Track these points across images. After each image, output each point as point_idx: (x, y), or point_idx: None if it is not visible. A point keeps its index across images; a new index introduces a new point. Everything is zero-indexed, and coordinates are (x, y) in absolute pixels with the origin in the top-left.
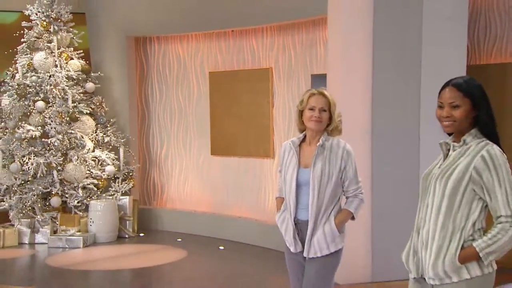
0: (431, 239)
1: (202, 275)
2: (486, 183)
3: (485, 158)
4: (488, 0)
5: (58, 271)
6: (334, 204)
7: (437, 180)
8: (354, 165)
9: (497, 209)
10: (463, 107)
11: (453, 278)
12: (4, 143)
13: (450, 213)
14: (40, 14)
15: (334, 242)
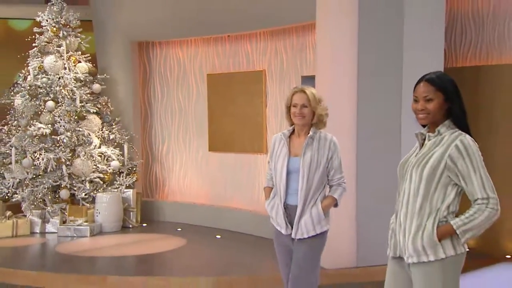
0: (410, 219)
1: (200, 262)
2: (461, 170)
3: (459, 147)
4: (464, 8)
5: (67, 258)
6: (320, 190)
7: (414, 167)
8: (339, 156)
9: (473, 193)
10: (436, 100)
11: (430, 256)
12: (17, 140)
13: (427, 196)
14: (50, 20)
15: (320, 224)
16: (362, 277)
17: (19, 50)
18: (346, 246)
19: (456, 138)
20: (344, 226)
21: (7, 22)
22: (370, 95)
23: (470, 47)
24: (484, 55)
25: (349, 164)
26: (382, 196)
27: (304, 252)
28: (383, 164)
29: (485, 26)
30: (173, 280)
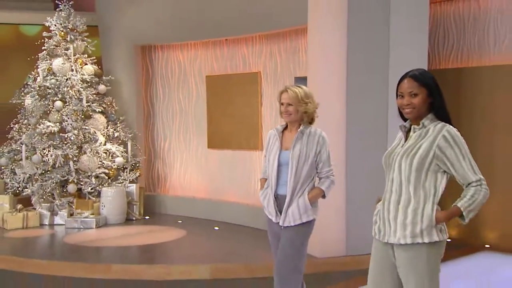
0: (403, 205)
1: (199, 251)
2: (450, 158)
3: (447, 137)
4: (447, 14)
5: (74, 248)
6: (308, 182)
7: (402, 158)
8: (327, 150)
9: (466, 177)
10: (420, 95)
11: (425, 238)
12: (27, 137)
13: (419, 182)
14: (58, 25)
15: (306, 214)
16: (351, 265)
17: (30, 54)
18: (335, 236)
19: (442, 129)
20: (334, 217)
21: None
22: (358, 94)
23: (452, 50)
24: (465, 58)
25: (339, 157)
26: (370, 188)
27: (289, 239)
28: (371, 157)
29: (466, 30)
30: (174, 268)
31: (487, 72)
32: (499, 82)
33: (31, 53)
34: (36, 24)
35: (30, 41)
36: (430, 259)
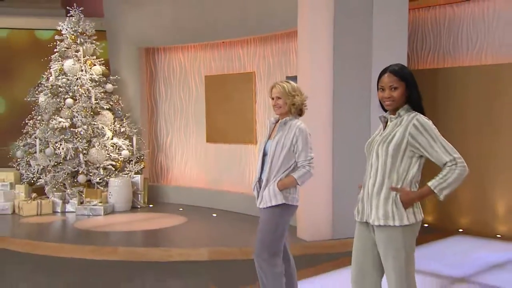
0: (378, 189)
1: (198, 236)
2: (422, 144)
3: (416, 125)
4: (424, 19)
5: (84, 232)
6: (285, 170)
7: (380, 145)
8: (304, 140)
9: (440, 159)
10: (400, 89)
11: (396, 221)
12: (41, 132)
13: (394, 167)
14: (69, 29)
15: (275, 198)
16: (338, 248)
17: (43, 55)
18: (323, 221)
19: (413, 118)
20: (321, 204)
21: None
22: (344, 91)
23: (429, 52)
24: (441, 59)
25: (325, 148)
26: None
27: (263, 220)
28: (355, 148)
29: (442, 34)
30: (175, 250)
31: (461, 72)
32: (470, 81)
33: (44, 55)
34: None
35: (43, 44)
36: (405, 239)
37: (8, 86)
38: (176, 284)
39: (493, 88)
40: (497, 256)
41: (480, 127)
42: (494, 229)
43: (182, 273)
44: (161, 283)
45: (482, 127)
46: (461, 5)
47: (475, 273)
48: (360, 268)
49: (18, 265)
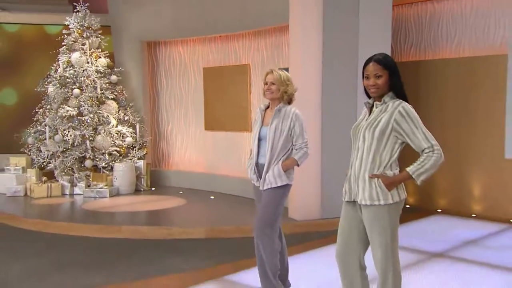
0: (364, 171)
1: (197, 216)
2: (405, 130)
3: (402, 112)
4: (407, 15)
5: (91, 213)
6: (284, 153)
7: (366, 130)
8: (300, 125)
9: (420, 145)
10: (384, 77)
11: (381, 201)
12: (50, 120)
13: (378, 151)
14: (76, 24)
15: (280, 178)
16: (326, 226)
17: (52, 49)
18: (312, 202)
19: (398, 106)
20: (311, 186)
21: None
22: (332, 81)
23: (412, 46)
24: (423, 52)
25: (315, 133)
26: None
27: (267, 200)
28: (342, 133)
29: (424, 29)
30: (175, 229)
31: (440, 64)
32: (450, 73)
33: (53, 48)
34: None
35: (52, 38)
36: (390, 216)
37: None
38: (177, 260)
39: (470, 79)
40: (472, 234)
41: (458, 116)
42: (469, 209)
43: (182, 250)
44: (163, 259)
45: (460, 116)
46: (441, 2)
47: (451, 248)
48: (345, 244)
49: (31, 242)
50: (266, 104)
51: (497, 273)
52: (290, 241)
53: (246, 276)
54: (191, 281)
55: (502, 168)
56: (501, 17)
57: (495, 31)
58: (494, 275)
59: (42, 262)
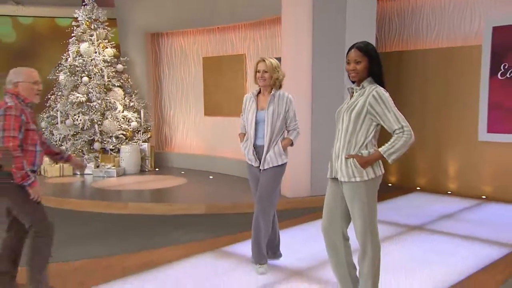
0: (342, 150)
1: (197, 193)
2: (379, 112)
3: (375, 96)
4: (391, 8)
5: (99, 191)
6: (280, 134)
7: (345, 112)
8: (293, 109)
9: (391, 126)
10: (363, 63)
11: (357, 178)
12: (61, 106)
13: (354, 132)
14: (84, 16)
15: (281, 157)
16: (315, 203)
17: (62, 39)
18: (303, 180)
19: (373, 90)
20: (301, 165)
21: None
22: (321, 68)
23: (395, 37)
24: (405, 43)
25: (305, 117)
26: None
27: (267, 178)
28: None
29: (406, 21)
30: (177, 205)
31: (421, 54)
32: (429, 62)
33: (63, 39)
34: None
35: (62, 30)
36: (367, 191)
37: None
38: (179, 233)
39: (448, 68)
40: (447, 209)
41: (437, 102)
42: (445, 187)
43: (183, 224)
44: (166, 232)
45: (438, 102)
46: None
47: (429, 222)
48: (330, 219)
49: None
50: (257, 89)
51: (469, 243)
52: (282, 216)
53: (240, 247)
54: (192, 252)
55: (475, 150)
56: (476, 11)
57: (471, 24)
58: (467, 245)
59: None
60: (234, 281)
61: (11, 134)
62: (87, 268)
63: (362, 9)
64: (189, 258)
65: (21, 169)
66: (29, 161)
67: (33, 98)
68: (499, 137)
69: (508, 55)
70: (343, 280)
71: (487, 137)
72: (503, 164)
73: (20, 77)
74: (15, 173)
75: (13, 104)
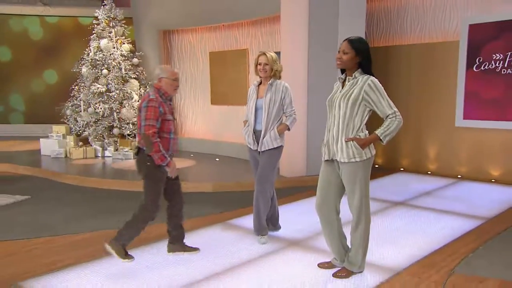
0: (341, 134)
1: (205, 173)
2: (373, 99)
3: (370, 85)
4: (379, 7)
5: (118, 171)
6: (277, 120)
7: (341, 100)
8: (290, 96)
9: (384, 112)
10: (349, 54)
11: (356, 158)
12: (84, 95)
13: (352, 117)
14: (104, 15)
15: (276, 141)
16: (310, 182)
17: (84, 36)
18: (299, 160)
19: (368, 79)
20: (298, 147)
21: (77, 19)
22: (316, 61)
23: (382, 33)
24: (391, 39)
25: (302, 103)
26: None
27: (264, 160)
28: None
29: (392, 19)
30: (188, 184)
31: (406, 49)
32: (413, 56)
33: (85, 36)
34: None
35: (84, 28)
36: (364, 169)
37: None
38: (189, 208)
39: (429, 61)
40: (427, 187)
41: (419, 91)
42: (425, 167)
43: (193, 201)
44: None
45: (421, 91)
46: None
47: (411, 198)
48: (323, 196)
49: (70, 194)
50: (258, 81)
51: (446, 217)
52: (280, 193)
53: (243, 220)
54: (201, 224)
55: (452, 135)
56: (454, 10)
57: (449, 22)
58: (444, 218)
59: (79, 209)
60: (239, 250)
61: (150, 123)
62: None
63: (353, 8)
64: (199, 230)
65: (159, 152)
66: (165, 146)
67: (172, 92)
68: (474, 123)
69: (482, 50)
70: (336, 248)
71: (463, 123)
72: (476, 147)
73: (164, 74)
74: (153, 156)
75: (154, 97)
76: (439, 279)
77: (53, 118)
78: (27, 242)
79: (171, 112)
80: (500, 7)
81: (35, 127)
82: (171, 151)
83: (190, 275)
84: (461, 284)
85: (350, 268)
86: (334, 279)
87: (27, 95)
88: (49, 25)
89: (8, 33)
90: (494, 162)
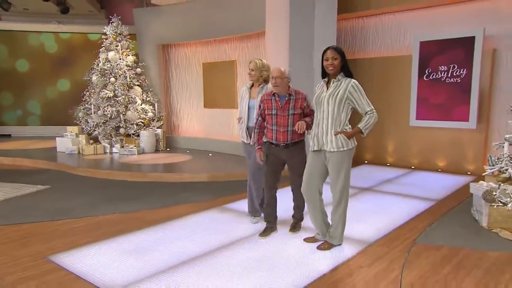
0: (330, 128)
1: (200, 167)
2: (356, 98)
3: (354, 86)
4: (346, 26)
5: (125, 165)
6: None
7: (329, 99)
8: None
9: (364, 108)
10: (338, 59)
11: (345, 147)
12: (94, 100)
13: (339, 113)
14: (111, 30)
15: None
16: None
17: (93, 49)
18: None
19: (351, 81)
20: None
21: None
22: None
23: (349, 48)
24: (357, 53)
25: None
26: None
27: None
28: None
29: (357, 36)
30: (185, 175)
31: (368, 62)
32: (374, 67)
33: (95, 49)
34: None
35: (93, 42)
36: (349, 157)
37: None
38: (188, 195)
39: (388, 72)
40: (387, 175)
41: (380, 97)
42: (385, 160)
43: (191, 189)
44: (177, 194)
45: (381, 97)
46: (369, 18)
47: (375, 185)
48: (309, 181)
49: (84, 184)
50: (250, 83)
51: (404, 200)
52: None
53: (236, 205)
54: (199, 209)
55: (407, 133)
56: (407, 29)
57: (404, 39)
58: (402, 201)
59: (93, 196)
60: (234, 229)
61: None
62: (119, 220)
63: (325, 26)
64: (198, 213)
65: None
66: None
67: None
68: (424, 123)
69: (430, 62)
70: (319, 225)
71: (415, 123)
72: (426, 143)
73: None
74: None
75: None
76: (404, 248)
77: (67, 120)
78: (50, 223)
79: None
80: (445, 28)
81: (49, 128)
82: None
83: (194, 250)
84: (421, 251)
85: (331, 241)
86: (318, 251)
87: (42, 101)
88: (62, 40)
89: (27, 48)
90: (440, 155)
